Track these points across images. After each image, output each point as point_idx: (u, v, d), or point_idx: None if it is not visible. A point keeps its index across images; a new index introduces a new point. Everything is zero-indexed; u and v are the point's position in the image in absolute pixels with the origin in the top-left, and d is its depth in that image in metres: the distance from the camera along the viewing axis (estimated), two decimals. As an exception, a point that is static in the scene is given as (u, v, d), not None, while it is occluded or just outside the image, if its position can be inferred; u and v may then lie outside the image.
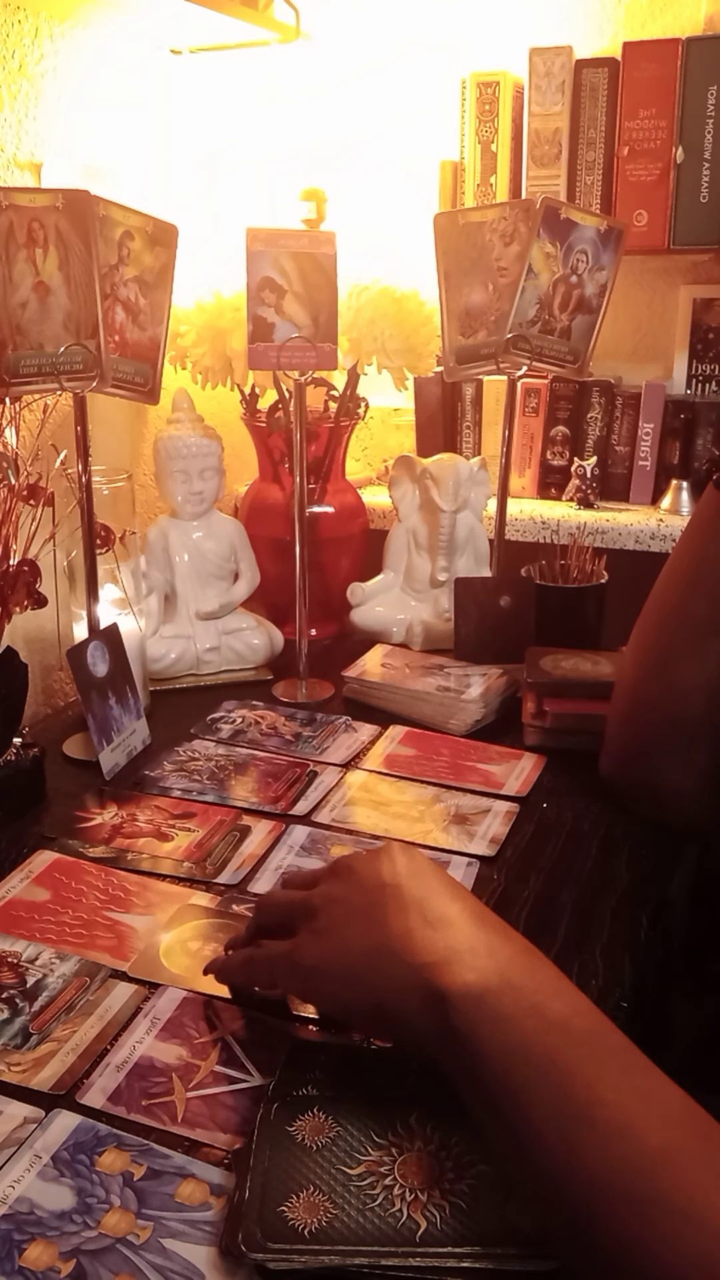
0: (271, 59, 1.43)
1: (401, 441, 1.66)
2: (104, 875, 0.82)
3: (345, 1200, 0.51)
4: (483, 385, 1.58)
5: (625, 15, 1.45)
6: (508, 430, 1.18)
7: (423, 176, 1.50)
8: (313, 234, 1.13)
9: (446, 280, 1.15)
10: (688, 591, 0.80)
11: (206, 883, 0.81)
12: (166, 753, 1.02)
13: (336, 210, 1.32)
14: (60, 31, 1.14)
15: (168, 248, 1.01)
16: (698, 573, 0.80)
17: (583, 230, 1.11)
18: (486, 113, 1.43)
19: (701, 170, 1.36)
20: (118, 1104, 0.60)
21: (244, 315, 1.07)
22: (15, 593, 0.92)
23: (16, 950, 0.73)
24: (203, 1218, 0.53)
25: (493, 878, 0.83)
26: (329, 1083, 0.58)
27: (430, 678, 1.13)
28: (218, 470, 1.20)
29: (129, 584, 1.07)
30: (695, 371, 1.51)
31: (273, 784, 0.96)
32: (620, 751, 0.88)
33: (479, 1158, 0.53)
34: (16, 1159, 0.56)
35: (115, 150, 1.25)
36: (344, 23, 1.51)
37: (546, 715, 1.02)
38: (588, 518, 1.46)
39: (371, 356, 1.23)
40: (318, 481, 1.31)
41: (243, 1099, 0.60)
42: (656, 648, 0.83)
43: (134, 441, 1.36)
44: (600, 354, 1.23)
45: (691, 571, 0.80)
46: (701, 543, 0.79)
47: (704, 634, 0.79)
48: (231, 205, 1.44)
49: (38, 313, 0.93)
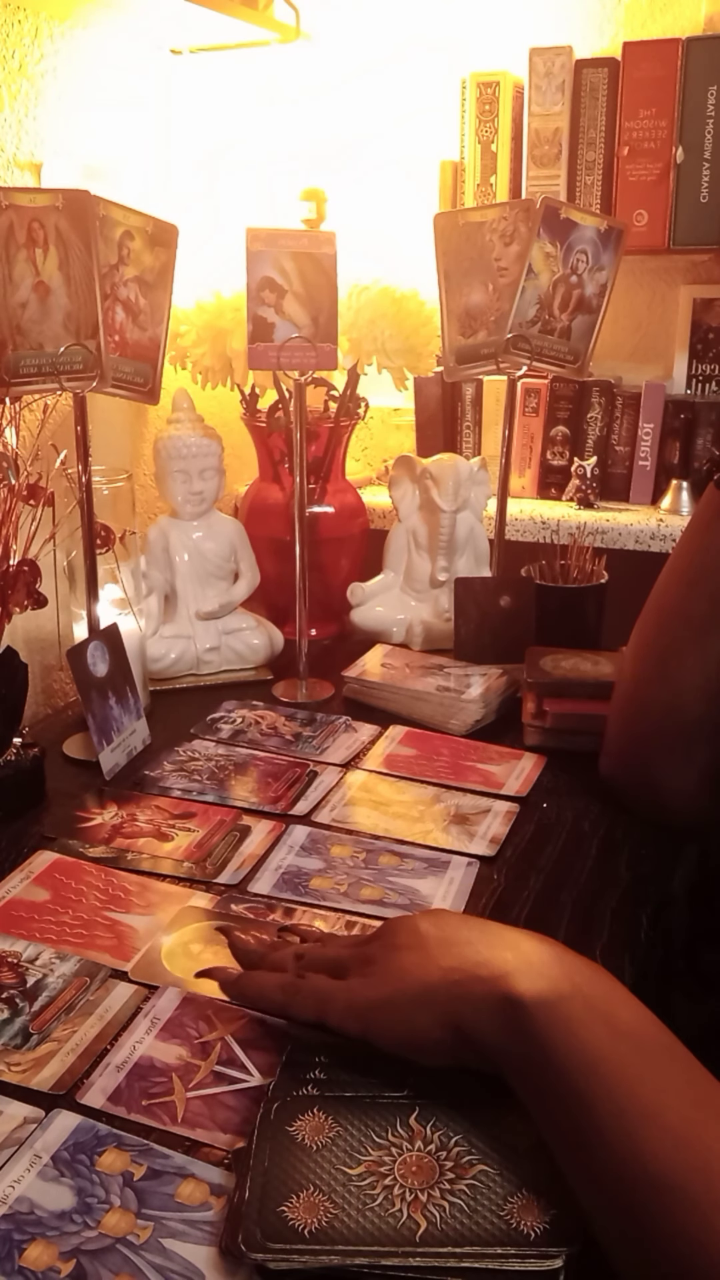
0: (271, 59, 1.43)
1: (401, 441, 1.66)
2: (104, 875, 0.82)
3: (345, 1200, 0.51)
4: (483, 385, 1.58)
5: (625, 15, 1.45)
6: (508, 430, 1.18)
7: (423, 176, 1.50)
8: (313, 234, 1.13)
9: (446, 280, 1.15)
10: (687, 591, 0.80)
11: (206, 883, 0.81)
12: (166, 753, 1.02)
13: (336, 210, 1.32)
14: (60, 31, 1.14)
15: (168, 248, 1.01)
16: (697, 573, 0.80)
17: (583, 230, 1.11)
18: (486, 113, 1.43)
19: (701, 170, 1.36)
20: (118, 1104, 0.60)
21: (244, 315, 1.07)
22: (15, 593, 0.92)
23: (16, 950, 0.73)
24: (203, 1218, 0.53)
25: (493, 878, 0.83)
26: (329, 1083, 0.58)
27: (430, 678, 1.13)
28: (218, 470, 1.20)
29: (129, 584, 1.07)
30: (695, 371, 1.51)
31: (273, 784, 0.96)
32: (620, 751, 0.88)
33: (479, 1158, 0.53)
34: (16, 1159, 0.56)
35: (115, 150, 1.25)
36: (344, 23, 1.51)
37: (546, 715, 1.02)
38: (588, 518, 1.46)
39: (371, 356, 1.23)
40: (318, 481, 1.31)
41: (243, 1099, 0.60)
42: (656, 647, 0.83)
43: (134, 441, 1.36)
44: (600, 354, 1.23)
45: (691, 571, 0.80)
46: (702, 542, 0.79)
47: (704, 633, 0.79)
48: (231, 205, 1.44)
49: (38, 313, 0.93)
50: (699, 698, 0.80)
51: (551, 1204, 0.51)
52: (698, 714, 0.80)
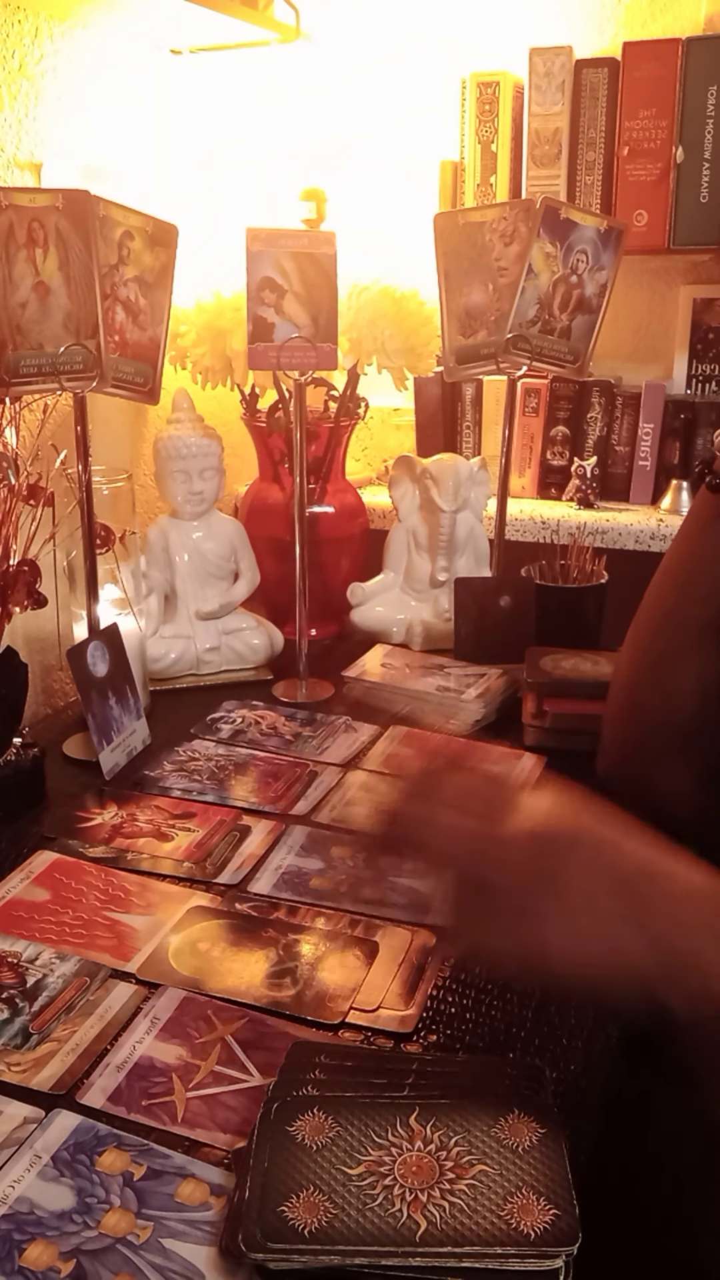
0: (271, 59, 1.43)
1: (401, 441, 1.66)
2: (104, 875, 0.82)
3: (345, 1200, 0.51)
4: (483, 385, 1.58)
5: (625, 15, 1.45)
6: (508, 430, 1.18)
7: (423, 176, 1.50)
8: (313, 234, 1.13)
9: (446, 280, 1.15)
10: (680, 596, 0.80)
11: (206, 883, 0.81)
12: (166, 753, 1.02)
13: (336, 210, 1.32)
14: (60, 31, 1.14)
15: (168, 248, 1.01)
16: (689, 576, 0.80)
17: (583, 230, 1.11)
18: (486, 113, 1.43)
19: (701, 170, 1.36)
20: (118, 1104, 0.60)
21: (244, 315, 1.07)
22: (15, 593, 0.92)
23: (16, 950, 0.73)
24: (203, 1218, 0.53)
25: (493, 878, 0.82)
26: (329, 1083, 0.58)
27: (430, 678, 1.13)
28: (218, 470, 1.20)
29: (129, 584, 1.07)
30: (695, 371, 1.51)
31: (273, 784, 0.96)
32: (616, 755, 0.88)
33: (479, 1158, 0.53)
34: (16, 1159, 0.56)
35: (115, 150, 1.25)
36: (344, 23, 1.51)
37: (546, 715, 1.02)
38: (588, 518, 1.46)
39: (371, 356, 1.23)
40: (318, 481, 1.31)
41: (243, 1099, 0.60)
42: (651, 652, 0.82)
43: (134, 441, 1.36)
44: (600, 354, 1.23)
45: (684, 575, 0.80)
46: (694, 546, 0.79)
47: (698, 638, 0.79)
48: (231, 205, 1.44)
49: (38, 313, 0.93)
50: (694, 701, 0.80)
51: (551, 1204, 0.51)
52: (693, 717, 0.80)
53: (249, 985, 0.70)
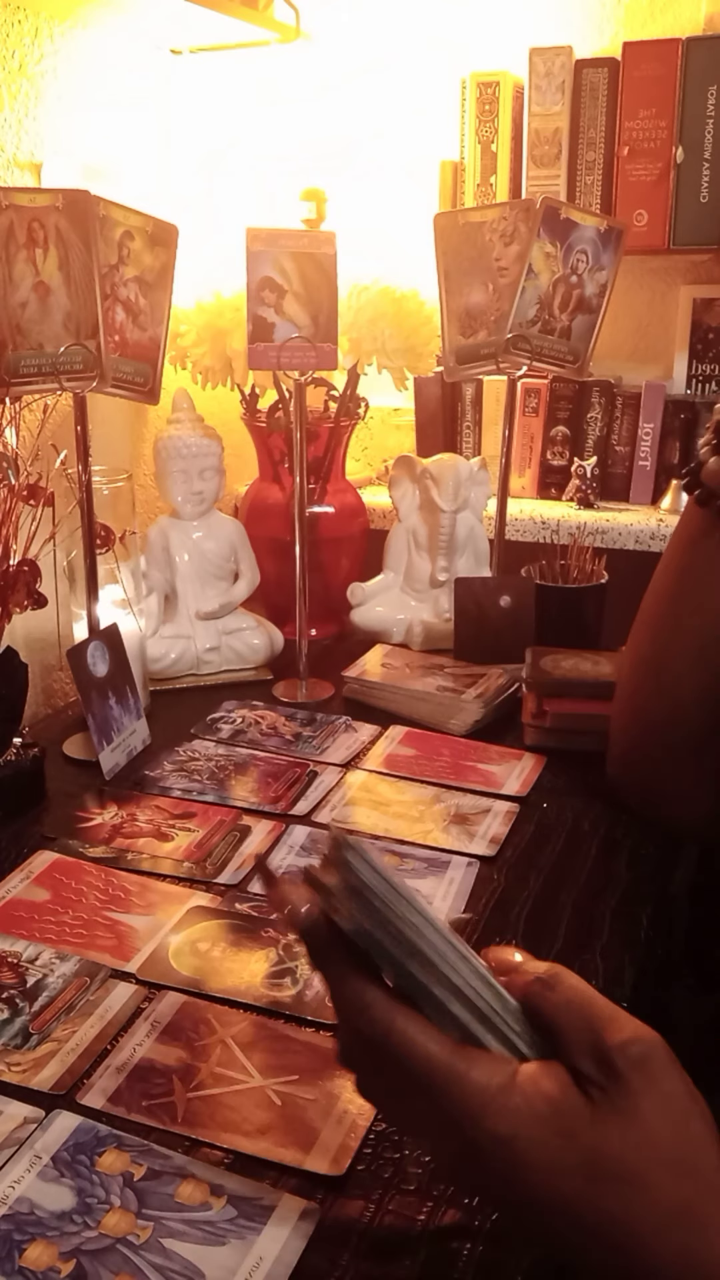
0: (271, 59, 1.43)
1: (401, 441, 1.66)
2: (104, 875, 0.82)
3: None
4: (483, 385, 1.58)
5: (625, 15, 1.45)
6: (508, 430, 1.18)
7: (423, 176, 1.50)
8: (313, 234, 1.13)
9: (446, 280, 1.15)
10: (674, 607, 0.80)
11: (206, 883, 0.81)
12: (166, 753, 1.02)
13: (336, 210, 1.32)
14: (60, 31, 1.14)
15: (168, 248, 1.01)
16: (680, 587, 0.80)
17: (583, 230, 1.11)
18: (486, 113, 1.43)
19: (701, 170, 1.36)
20: (118, 1104, 0.60)
21: (244, 315, 1.07)
22: (15, 593, 0.92)
23: (16, 950, 0.73)
24: (203, 1218, 0.53)
25: (493, 878, 0.83)
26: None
27: (430, 678, 1.13)
28: (218, 470, 1.20)
29: (129, 584, 1.07)
30: (695, 371, 1.51)
31: (273, 784, 0.96)
32: (625, 759, 0.88)
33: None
34: (16, 1159, 0.56)
35: (115, 150, 1.25)
36: (344, 23, 1.51)
37: (546, 715, 1.02)
38: (588, 518, 1.46)
39: (371, 356, 1.23)
40: (318, 481, 1.31)
41: (243, 1099, 0.60)
42: (652, 662, 0.82)
43: (134, 441, 1.36)
44: (600, 354, 1.23)
45: (675, 586, 0.80)
46: (688, 559, 0.79)
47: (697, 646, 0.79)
48: (231, 205, 1.44)
49: (38, 313, 0.93)
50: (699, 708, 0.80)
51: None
52: (700, 722, 0.80)
53: (249, 985, 0.70)
